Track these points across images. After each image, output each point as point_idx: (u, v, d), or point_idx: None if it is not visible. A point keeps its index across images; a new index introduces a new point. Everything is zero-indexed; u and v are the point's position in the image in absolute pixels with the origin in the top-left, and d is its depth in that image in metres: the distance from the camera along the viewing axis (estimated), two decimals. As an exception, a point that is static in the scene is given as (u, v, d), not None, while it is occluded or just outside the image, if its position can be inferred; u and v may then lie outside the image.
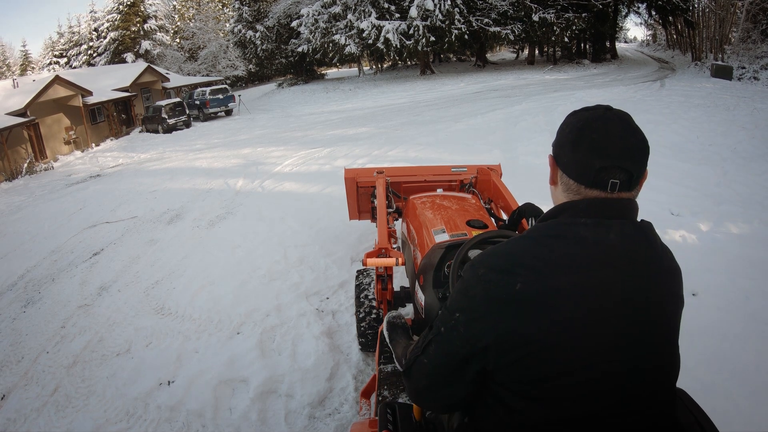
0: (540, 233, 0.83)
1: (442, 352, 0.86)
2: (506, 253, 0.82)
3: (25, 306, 4.11)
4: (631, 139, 0.83)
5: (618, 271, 0.78)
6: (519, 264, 0.79)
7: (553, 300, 0.75)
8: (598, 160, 0.81)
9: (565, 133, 0.86)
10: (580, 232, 0.80)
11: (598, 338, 0.76)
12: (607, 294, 0.77)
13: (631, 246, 0.80)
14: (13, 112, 14.20)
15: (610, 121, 0.83)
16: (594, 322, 0.76)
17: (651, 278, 0.80)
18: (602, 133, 0.82)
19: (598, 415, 0.78)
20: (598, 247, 0.78)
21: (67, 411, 2.63)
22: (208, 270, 4.15)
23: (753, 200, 4.40)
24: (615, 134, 0.82)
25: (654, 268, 0.81)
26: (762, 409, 2.03)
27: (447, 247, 1.88)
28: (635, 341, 0.78)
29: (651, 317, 0.79)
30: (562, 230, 0.81)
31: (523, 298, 0.76)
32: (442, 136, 8.89)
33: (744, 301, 2.77)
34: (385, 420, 1.12)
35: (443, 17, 20.97)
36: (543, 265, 0.77)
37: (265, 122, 17.26)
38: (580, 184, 0.84)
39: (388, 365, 1.89)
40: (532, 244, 0.81)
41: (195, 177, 8.42)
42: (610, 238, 0.79)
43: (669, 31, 29.43)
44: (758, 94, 11.17)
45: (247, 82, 40.13)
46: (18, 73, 43.25)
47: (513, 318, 0.76)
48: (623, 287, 0.77)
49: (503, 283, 0.78)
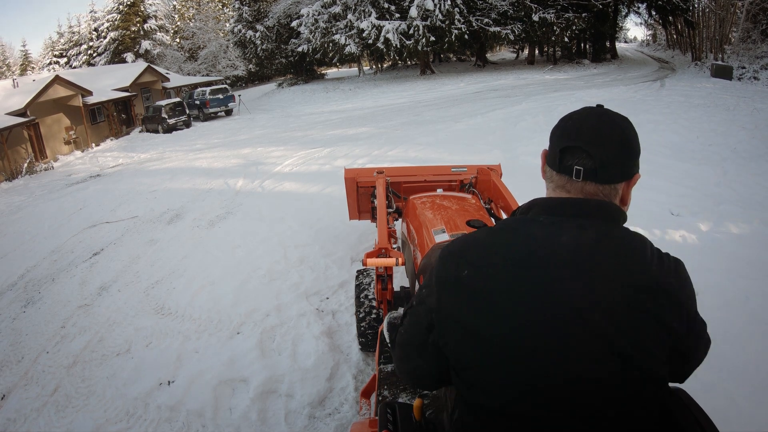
0: (501, 226, 0.86)
1: (412, 323, 0.93)
2: (464, 242, 0.85)
3: (25, 306, 4.11)
4: (605, 128, 0.82)
5: (559, 273, 0.74)
6: (472, 251, 0.82)
7: (493, 289, 0.76)
8: (564, 140, 0.83)
9: (556, 126, 0.89)
10: (532, 229, 0.80)
11: (527, 339, 0.73)
12: (542, 295, 0.73)
13: (586, 250, 0.75)
14: (13, 112, 14.20)
15: (593, 113, 0.84)
16: (525, 323, 0.73)
17: (602, 287, 0.73)
18: (577, 120, 0.84)
19: (547, 417, 0.73)
20: (545, 247, 0.77)
21: (67, 411, 2.63)
22: (208, 270, 4.15)
23: (753, 200, 4.40)
24: (589, 122, 0.83)
25: (610, 277, 0.73)
26: (762, 409, 2.03)
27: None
28: (565, 349, 0.72)
29: (593, 328, 0.71)
30: (518, 225, 0.83)
31: (468, 282, 0.78)
32: (442, 136, 8.89)
33: (744, 301, 2.77)
34: (385, 420, 1.12)
35: (443, 17, 20.97)
36: (491, 256, 0.79)
37: (265, 122, 17.26)
38: (552, 169, 0.86)
39: (388, 365, 1.89)
40: (489, 236, 0.83)
41: (195, 177, 8.42)
42: (562, 239, 0.77)
43: (669, 31, 29.43)
44: (758, 94, 11.17)
45: (247, 82, 40.12)
46: (18, 73, 43.25)
47: (455, 296, 0.80)
48: (561, 291, 0.73)
49: (455, 265, 0.82)
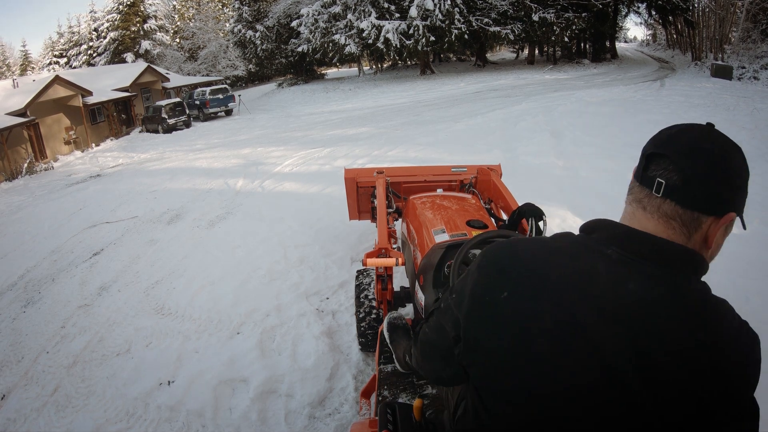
0: (556, 245, 0.73)
1: (437, 326, 0.87)
2: (512, 252, 0.74)
3: (25, 306, 4.11)
4: (704, 143, 0.67)
5: (616, 329, 0.62)
6: (517, 268, 0.71)
7: (529, 325, 0.66)
8: (652, 146, 0.70)
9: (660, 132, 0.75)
10: (597, 265, 0.67)
11: (552, 390, 0.65)
12: (583, 349, 0.63)
13: (653, 308, 0.63)
14: (13, 112, 14.20)
15: (698, 127, 0.70)
16: (557, 374, 0.65)
17: (662, 355, 0.61)
18: (677, 130, 0.70)
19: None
20: (606, 292, 0.64)
21: (67, 411, 2.63)
22: (208, 270, 4.15)
23: (753, 200, 4.37)
24: (689, 134, 0.69)
25: (672, 346, 0.61)
26: (762, 409, 2.03)
27: (447, 247, 1.88)
28: (600, 417, 0.63)
29: (637, 402, 0.61)
30: (580, 253, 0.70)
31: (503, 310, 0.69)
32: (442, 136, 8.89)
33: (744, 301, 2.77)
34: (385, 420, 1.12)
35: (443, 17, 20.97)
36: (537, 284, 0.68)
37: (265, 122, 17.26)
38: (634, 179, 0.73)
39: (388, 365, 1.90)
40: (541, 253, 0.72)
41: (195, 177, 8.42)
42: (628, 287, 0.64)
43: (669, 30, 29.43)
44: (758, 94, 11.17)
45: (247, 82, 40.12)
46: (18, 73, 43.25)
47: (486, 322, 0.71)
48: (608, 351, 0.62)
49: (494, 282, 0.72)
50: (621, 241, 0.69)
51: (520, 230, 2.24)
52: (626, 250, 0.68)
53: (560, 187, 5.03)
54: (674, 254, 0.67)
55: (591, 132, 7.47)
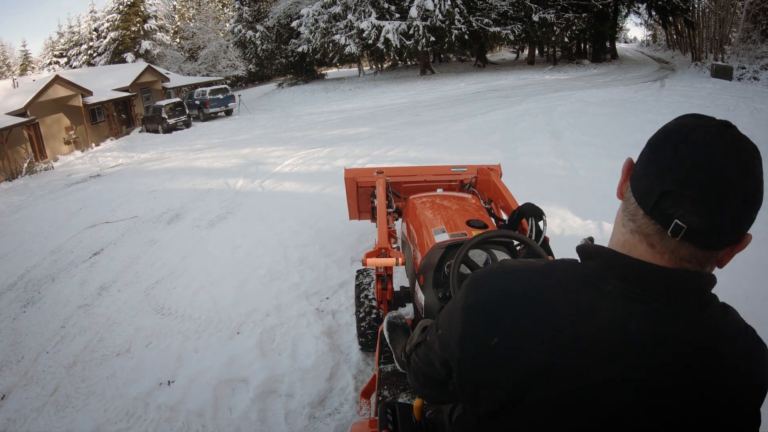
0: (550, 280, 0.65)
1: (425, 359, 0.86)
2: (501, 290, 0.67)
3: (25, 306, 4.11)
4: (735, 174, 0.55)
5: (613, 373, 0.58)
6: (507, 311, 0.65)
7: (526, 377, 0.62)
8: (669, 178, 0.57)
9: (654, 133, 0.62)
10: (596, 303, 0.60)
11: None
12: (595, 396, 0.59)
13: (659, 347, 0.58)
14: (13, 112, 14.20)
15: (720, 141, 0.56)
16: (563, 423, 0.61)
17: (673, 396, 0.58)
18: (696, 148, 0.56)
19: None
20: (606, 333, 0.59)
21: (67, 411, 2.63)
22: (208, 270, 4.15)
23: (753, 200, 4.39)
24: (714, 158, 0.55)
25: (686, 386, 0.58)
26: (762, 409, 2.03)
27: (447, 247, 1.88)
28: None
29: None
30: (576, 288, 0.63)
31: (494, 355, 0.64)
32: (442, 136, 8.89)
33: (744, 301, 2.77)
34: (385, 420, 1.12)
35: (443, 17, 20.98)
36: (529, 327, 0.62)
37: (265, 122, 17.26)
38: (639, 207, 0.61)
39: (388, 365, 1.90)
40: (532, 291, 0.65)
41: (195, 177, 8.42)
42: (630, 326, 0.58)
43: (669, 31, 29.44)
44: (758, 95, 11.17)
45: (247, 82, 40.12)
46: (18, 73, 43.24)
47: (478, 371, 0.68)
48: (609, 399, 0.59)
49: (482, 329, 0.66)
50: (622, 274, 0.61)
51: (520, 230, 2.24)
52: (629, 284, 0.60)
53: (560, 187, 5.03)
54: (686, 288, 0.60)
55: (591, 132, 7.47)
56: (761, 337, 0.65)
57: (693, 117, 0.61)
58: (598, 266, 0.64)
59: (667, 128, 0.61)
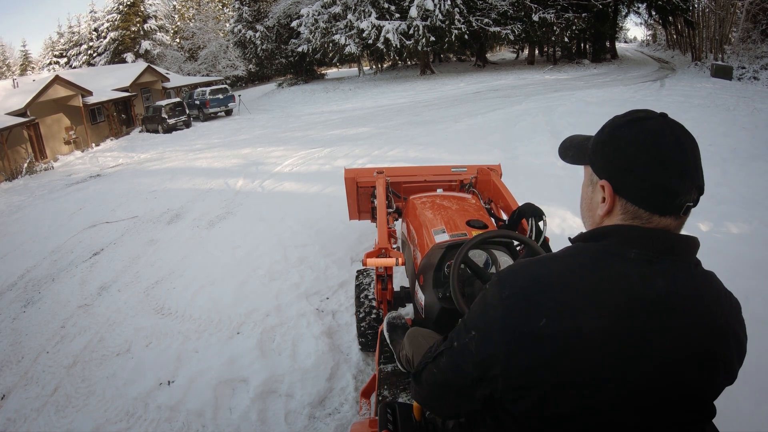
0: (576, 260, 0.72)
1: (452, 367, 0.81)
2: (535, 277, 0.72)
3: (25, 306, 4.11)
4: (698, 151, 0.72)
5: (656, 323, 0.67)
6: (546, 294, 0.69)
7: (577, 342, 0.66)
8: (682, 182, 0.70)
9: (629, 153, 0.71)
10: (625, 269, 0.69)
11: (614, 391, 0.68)
12: (636, 347, 0.67)
13: (679, 297, 0.69)
14: (13, 112, 14.20)
15: (679, 132, 0.72)
16: (615, 375, 0.67)
17: (694, 338, 0.69)
18: (679, 150, 0.70)
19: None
20: (642, 291, 0.68)
21: (67, 411, 2.63)
22: (208, 270, 4.15)
23: (753, 200, 4.39)
24: (689, 149, 0.71)
25: (700, 327, 0.70)
26: (762, 409, 2.03)
27: (447, 247, 1.88)
28: (652, 402, 0.69)
29: (683, 382, 0.70)
30: (604, 261, 0.70)
31: (545, 334, 0.67)
32: (441, 136, 8.89)
33: (744, 301, 2.75)
34: (385, 420, 1.12)
35: (443, 17, 20.97)
36: (574, 301, 0.68)
37: (265, 122, 17.26)
38: (654, 213, 0.71)
39: (388, 365, 1.90)
40: (566, 272, 0.71)
41: (195, 177, 8.42)
42: (658, 284, 0.68)
43: (669, 31, 29.44)
44: (758, 94, 11.17)
45: (247, 82, 40.12)
46: (18, 73, 43.24)
47: (530, 353, 0.68)
48: (658, 346, 0.67)
49: (527, 313, 0.69)
50: (641, 243, 0.71)
51: (520, 230, 2.24)
52: (647, 249, 0.70)
53: (560, 187, 5.03)
54: (687, 247, 0.73)
55: (591, 132, 7.43)
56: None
57: (639, 121, 0.73)
58: (617, 241, 0.72)
59: (642, 142, 0.71)
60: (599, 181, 0.76)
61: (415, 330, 1.48)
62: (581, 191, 0.85)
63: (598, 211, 0.77)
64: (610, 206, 0.75)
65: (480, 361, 0.74)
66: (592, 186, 0.80)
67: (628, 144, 0.72)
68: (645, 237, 0.71)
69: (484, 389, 0.75)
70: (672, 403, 0.70)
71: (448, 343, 0.83)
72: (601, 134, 0.78)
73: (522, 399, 0.71)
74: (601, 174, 0.76)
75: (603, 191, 0.75)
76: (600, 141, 0.77)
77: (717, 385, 0.73)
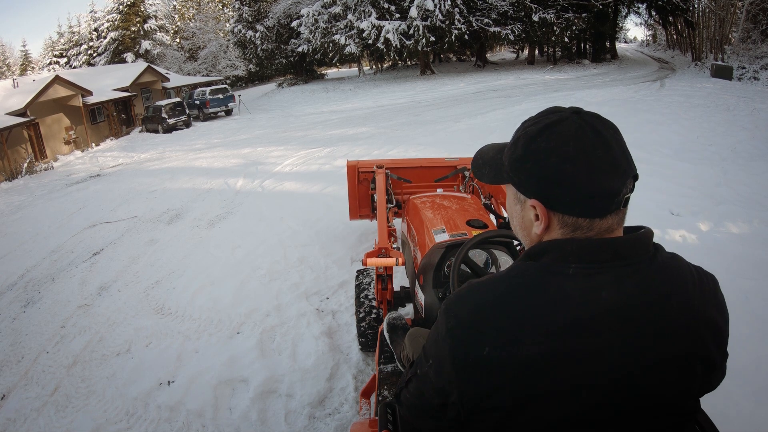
0: (515, 281, 0.68)
1: (418, 393, 0.80)
2: (476, 306, 0.69)
3: (25, 306, 4.11)
4: (621, 137, 0.69)
5: (605, 339, 0.64)
6: (488, 322, 0.66)
7: (526, 371, 0.64)
8: (617, 179, 0.65)
9: (552, 164, 0.67)
10: (564, 286, 0.65)
11: (574, 407, 0.66)
12: (587, 366, 0.64)
13: (628, 307, 0.65)
14: (13, 111, 14.20)
15: (597, 126, 0.67)
16: (572, 394, 0.65)
17: (651, 345, 0.65)
18: (604, 146, 0.66)
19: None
20: (584, 309, 0.64)
21: (67, 411, 2.63)
22: (208, 270, 4.15)
23: (753, 200, 4.39)
24: (614, 141, 0.67)
25: (658, 332, 0.66)
26: (762, 409, 2.03)
27: (447, 246, 1.88)
28: (615, 415, 0.67)
29: (646, 393, 0.67)
30: (543, 281, 0.66)
31: (491, 362, 0.65)
32: (442, 136, 8.89)
33: (744, 301, 2.77)
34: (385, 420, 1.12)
35: (443, 17, 20.97)
36: (514, 327, 0.65)
37: (265, 122, 17.26)
38: (595, 218, 0.67)
39: (388, 365, 1.90)
40: (505, 296, 0.67)
41: (195, 177, 8.42)
42: (601, 296, 0.64)
43: (669, 31, 29.44)
44: (758, 94, 11.18)
45: (247, 82, 40.11)
46: (18, 73, 43.26)
47: (480, 381, 0.66)
48: (612, 356, 0.64)
49: (470, 342, 0.67)
50: (578, 256, 0.66)
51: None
52: (586, 262, 0.66)
53: (560, 187, 5.02)
54: (634, 245, 0.68)
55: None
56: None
57: (552, 126, 0.68)
58: (555, 257, 0.68)
59: (563, 150, 0.66)
60: (527, 200, 0.71)
61: (416, 330, 1.48)
62: (508, 209, 0.80)
63: (534, 229, 0.72)
64: (546, 224, 0.70)
65: (439, 389, 0.73)
66: (520, 204, 0.74)
67: (548, 155, 0.67)
68: (583, 249, 0.66)
69: (450, 412, 0.74)
70: (643, 412, 0.67)
71: (414, 369, 0.83)
72: (515, 149, 0.72)
73: (483, 422, 0.70)
74: (528, 193, 0.71)
75: (535, 209, 0.70)
76: (516, 157, 0.71)
77: (697, 385, 0.70)
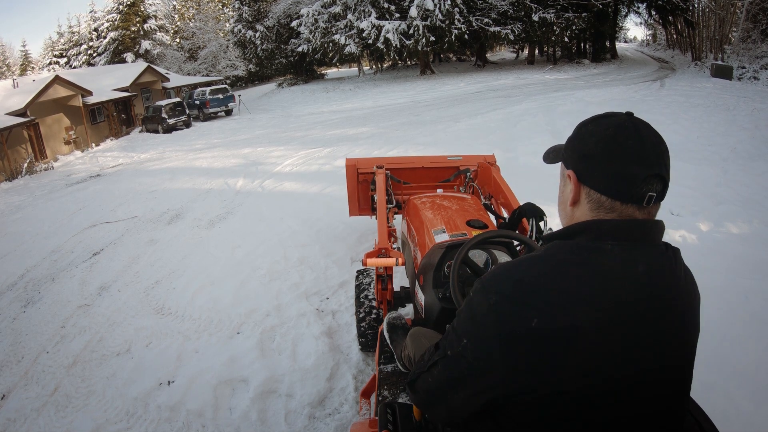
0: (556, 258, 0.73)
1: (447, 376, 0.80)
2: (519, 281, 0.72)
3: (25, 306, 4.11)
4: (662, 145, 0.76)
5: (642, 309, 0.70)
6: (534, 295, 0.70)
7: (573, 340, 0.67)
8: (640, 168, 0.72)
9: (591, 143, 0.76)
10: (604, 260, 0.71)
11: (616, 382, 0.70)
12: (629, 335, 0.69)
13: (659, 280, 0.72)
14: (13, 112, 14.20)
15: (640, 126, 0.76)
16: (614, 365, 0.69)
17: (674, 316, 0.73)
18: (637, 139, 0.73)
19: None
20: (624, 281, 0.70)
21: (67, 411, 2.63)
22: (208, 270, 4.15)
23: (753, 200, 4.39)
24: (649, 140, 0.74)
25: (677, 305, 0.74)
26: (762, 409, 2.03)
27: (447, 247, 1.88)
28: (653, 382, 0.72)
29: (670, 357, 0.73)
30: (583, 256, 0.72)
31: (540, 335, 0.67)
32: (442, 136, 8.89)
33: (744, 301, 2.77)
34: (385, 420, 1.12)
35: (443, 17, 20.96)
36: (561, 299, 0.68)
37: (265, 122, 17.25)
38: (615, 200, 0.74)
39: (388, 365, 1.90)
40: (548, 271, 0.71)
41: (195, 177, 8.42)
42: (638, 270, 0.71)
43: (669, 31, 29.43)
44: (758, 94, 11.17)
45: (247, 82, 40.11)
46: (18, 73, 43.26)
47: (528, 357, 0.68)
48: (646, 328, 0.70)
49: (517, 316, 0.69)
50: (615, 234, 0.73)
51: (521, 230, 2.24)
52: (622, 239, 0.73)
53: (560, 187, 5.02)
54: (658, 232, 0.76)
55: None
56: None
57: (605, 117, 0.78)
58: (592, 236, 0.74)
59: (603, 134, 0.75)
60: (566, 171, 0.81)
61: (417, 330, 1.48)
62: (559, 189, 0.91)
63: (567, 197, 0.81)
64: (575, 194, 0.79)
65: (477, 369, 0.73)
66: (563, 179, 0.84)
67: (590, 135, 0.77)
68: (618, 228, 0.73)
69: (482, 397, 0.75)
70: (662, 382, 0.74)
71: (441, 353, 0.82)
72: (572, 133, 0.83)
73: (524, 404, 0.71)
74: (568, 165, 0.81)
75: (570, 179, 0.79)
76: (569, 138, 0.83)
77: (692, 353, 0.79)
